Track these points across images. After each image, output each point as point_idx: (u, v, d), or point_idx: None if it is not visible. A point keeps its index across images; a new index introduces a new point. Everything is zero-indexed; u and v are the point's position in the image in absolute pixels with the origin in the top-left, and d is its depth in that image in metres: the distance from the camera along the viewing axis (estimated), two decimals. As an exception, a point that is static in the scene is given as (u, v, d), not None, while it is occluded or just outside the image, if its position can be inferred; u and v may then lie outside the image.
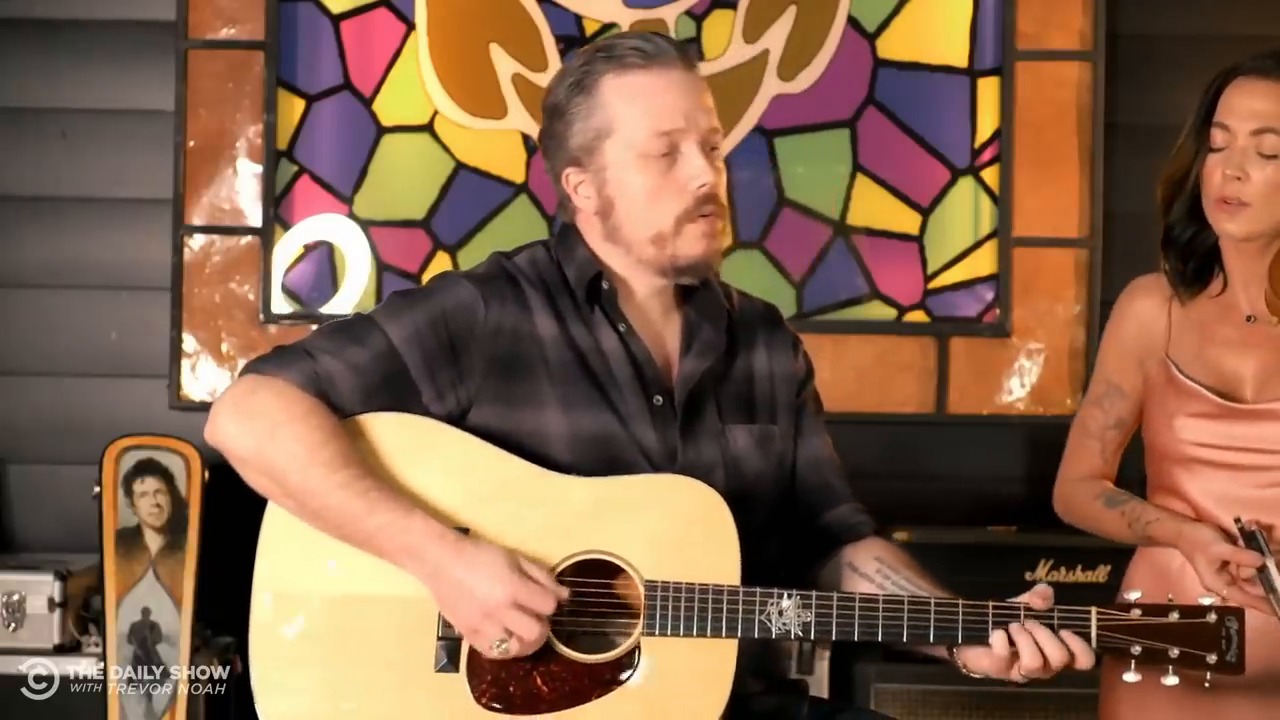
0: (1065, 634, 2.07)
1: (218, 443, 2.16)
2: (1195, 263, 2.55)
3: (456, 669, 2.09)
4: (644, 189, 2.21)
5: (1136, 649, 2.07)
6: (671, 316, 2.30)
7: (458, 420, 2.19)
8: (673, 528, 2.11)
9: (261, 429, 2.12)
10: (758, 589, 2.09)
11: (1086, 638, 2.07)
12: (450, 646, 2.09)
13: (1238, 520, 2.42)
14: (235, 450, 2.14)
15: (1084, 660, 2.07)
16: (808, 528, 2.33)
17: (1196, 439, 2.50)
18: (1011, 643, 2.07)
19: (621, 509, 2.12)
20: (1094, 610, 2.08)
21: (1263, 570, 2.35)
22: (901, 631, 2.09)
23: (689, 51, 2.25)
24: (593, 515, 2.12)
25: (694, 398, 2.25)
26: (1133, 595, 2.11)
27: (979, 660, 2.11)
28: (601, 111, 2.21)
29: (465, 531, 2.11)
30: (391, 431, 2.16)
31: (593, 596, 2.11)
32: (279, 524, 2.16)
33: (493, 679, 2.08)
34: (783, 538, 2.29)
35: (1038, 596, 2.10)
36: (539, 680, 2.08)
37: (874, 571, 2.26)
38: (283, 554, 2.15)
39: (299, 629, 2.12)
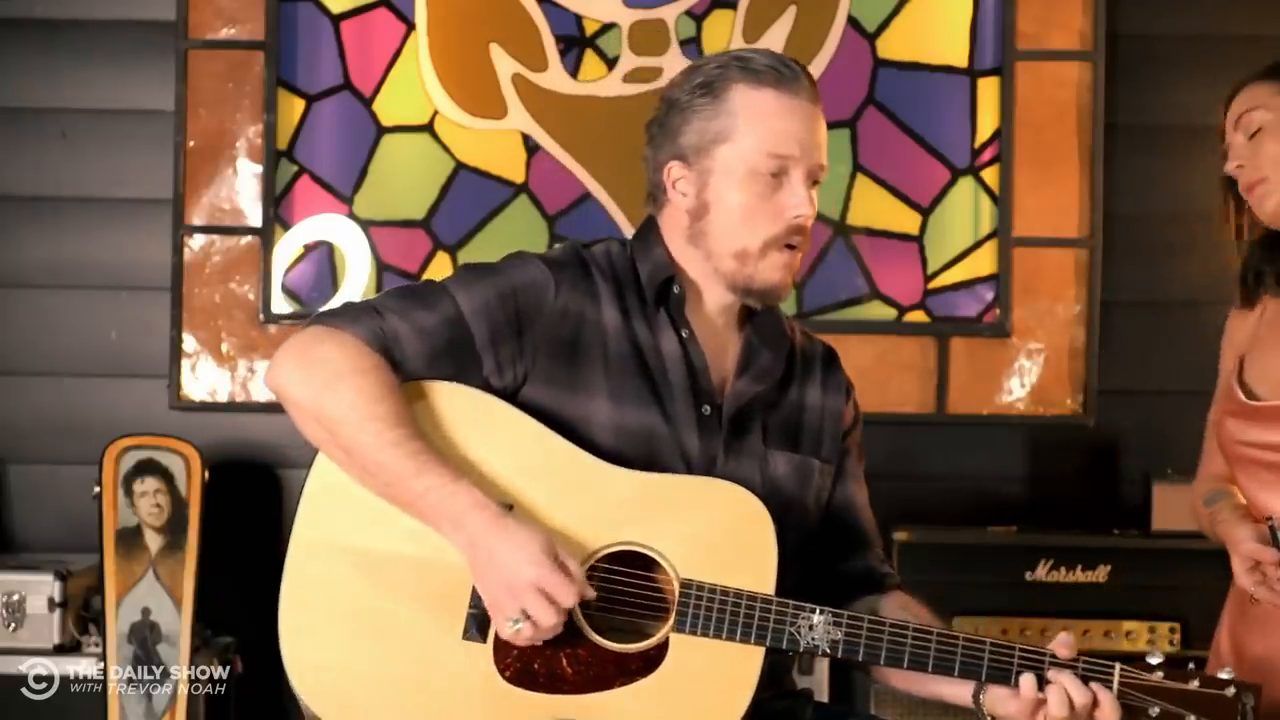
0: (1094, 685, 2.07)
1: (277, 386, 2.16)
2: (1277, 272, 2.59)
3: (484, 640, 2.10)
4: (742, 204, 2.22)
5: (1154, 710, 2.08)
6: (733, 335, 2.31)
7: (511, 395, 2.20)
8: (714, 530, 2.13)
9: (322, 377, 2.12)
10: (791, 601, 2.10)
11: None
12: (480, 618, 2.11)
13: (1268, 519, 2.44)
14: (294, 396, 2.15)
15: (1110, 714, 2.07)
16: (833, 568, 2.34)
17: (1236, 437, 2.53)
18: (1040, 689, 2.07)
19: (666, 505, 2.14)
20: (1118, 666, 2.10)
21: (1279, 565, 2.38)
22: (928, 662, 2.10)
23: (816, 87, 2.26)
24: (637, 507, 2.14)
25: (741, 416, 2.27)
26: (1154, 659, 2.11)
27: (1005, 705, 2.10)
28: (726, 117, 2.22)
29: (510, 508, 2.11)
30: (448, 401, 2.18)
31: (627, 587, 2.12)
32: (325, 476, 2.16)
33: (518, 654, 2.10)
34: (807, 570, 2.29)
35: (1062, 646, 2.10)
36: (564, 662, 2.10)
37: (900, 618, 2.24)
38: (326, 505, 2.16)
39: (332, 579, 2.13)
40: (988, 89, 4.13)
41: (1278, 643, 2.46)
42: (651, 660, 2.10)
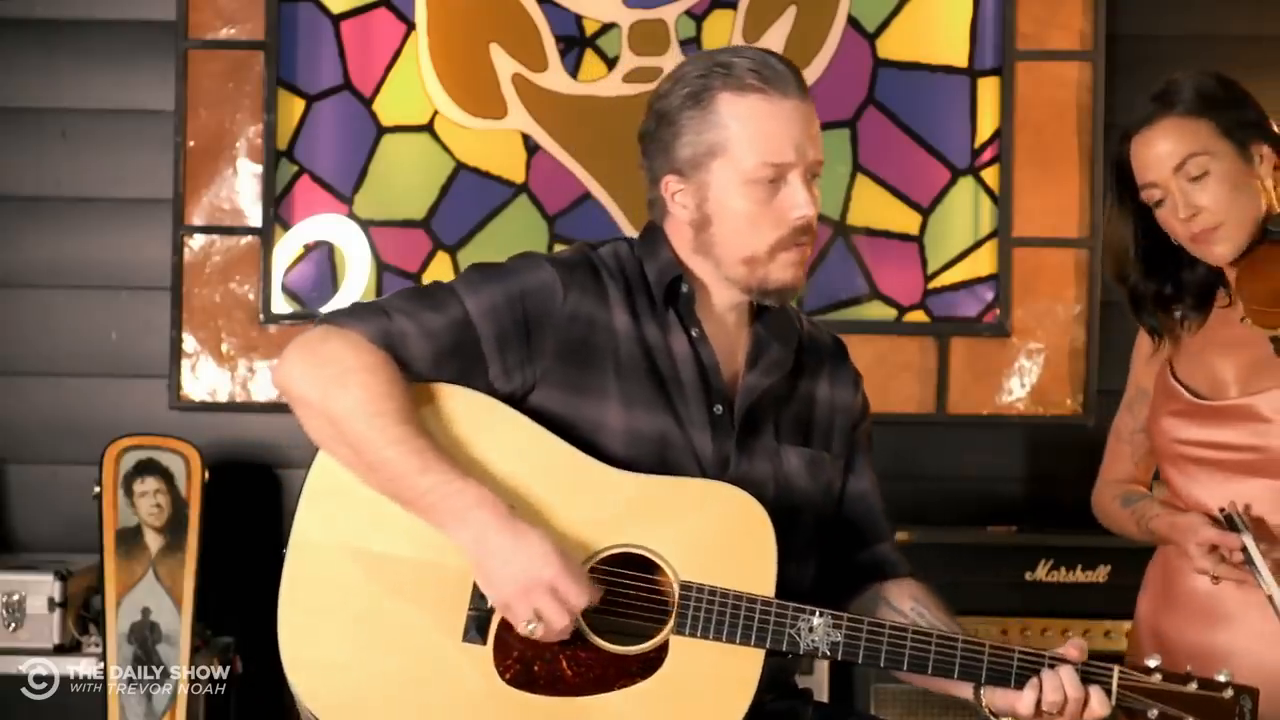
0: (1089, 686, 2.10)
1: (284, 384, 2.15)
2: (1193, 295, 2.59)
3: (484, 642, 2.10)
4: (744, 214, 2.20)
5: (1153, 713, 2.11)
6: (743, 330, 2.30)
7: (519, 400, 2.19)
8: (715, 533, 2.12)
9: (330, 374, 2.11)
10: (791, 603, 2.10)
11: (1106, 693, 2.11)
12: (480, 619, 2.10)
13: (1222, 510, 2.50)
14: (300, 393, 2.13)
15: (1099, 708, 2.10)
16: (846, 559, 2.35)
17: (1177, 436, 2.57)
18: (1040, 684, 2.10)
19: (667, 508, 2.13)
20: (1116, 668, 2.12)
21: (1244, 549, 2.45)
22: (927, 664, 2.11)
23: (802, 77, 2.22)
24: (638, 510, 2.13)
25: (753, 413, 2.26)
26: (1153, 662, 2.14)
27: (1004, 699, 2.13)
28: (715, 130, 2.19)
29: (510, 509, 2.10)
30: (449, 404, 2.16)
31: (628, 589, 2.12)
32: (325, 477, 2.15)
33: (519, 656, 2.10)
34: (820, 564, 2.30)
35: (1072, 648, 2.13)
36: (565, 664, 2.09)
37: (909, 609, 2.28)
38: (325, 505, 2.15)
39: (332, 579, 2.12)
40: (988, 89, 4.13)
41: (1193, 635, 2.55)
42: (651, 662, 2.09)
